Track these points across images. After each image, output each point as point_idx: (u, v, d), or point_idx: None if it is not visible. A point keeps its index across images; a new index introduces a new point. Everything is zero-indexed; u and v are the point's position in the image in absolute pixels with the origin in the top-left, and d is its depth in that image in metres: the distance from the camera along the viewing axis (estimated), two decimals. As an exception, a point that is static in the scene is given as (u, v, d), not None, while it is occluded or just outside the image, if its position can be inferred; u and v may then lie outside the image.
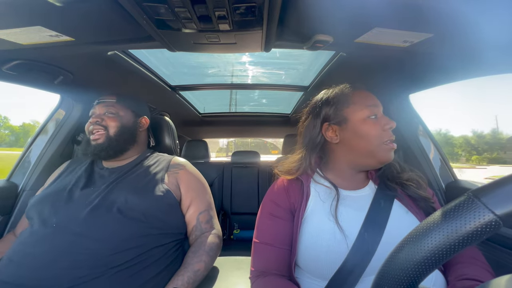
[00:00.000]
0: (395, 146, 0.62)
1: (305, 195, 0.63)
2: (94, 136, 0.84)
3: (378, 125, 0.62)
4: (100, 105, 0.88)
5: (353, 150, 0.64)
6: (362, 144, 0.63)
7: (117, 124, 0.87)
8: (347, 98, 0.66)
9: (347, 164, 0.67)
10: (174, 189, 0.81)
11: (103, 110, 0.87)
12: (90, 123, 0.86)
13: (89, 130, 0.86)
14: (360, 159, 0.64)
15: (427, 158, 1.15)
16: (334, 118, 0.66)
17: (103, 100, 0.89)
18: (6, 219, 1.00)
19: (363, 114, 0.63)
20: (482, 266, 0.54)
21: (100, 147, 0.83)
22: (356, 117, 0.64)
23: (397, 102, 1.17)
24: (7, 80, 0.87)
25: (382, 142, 0.61)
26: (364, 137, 0.62)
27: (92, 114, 0.88)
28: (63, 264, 0.59)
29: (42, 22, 0.57)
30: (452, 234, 0.24)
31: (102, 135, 0.84)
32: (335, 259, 0.53)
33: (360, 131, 0.63)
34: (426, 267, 0.24)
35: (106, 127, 0.86)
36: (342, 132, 0.65)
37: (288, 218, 0.63)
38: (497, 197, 0.24)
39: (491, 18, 0.53)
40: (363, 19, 0.57)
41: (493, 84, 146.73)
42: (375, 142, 0.61)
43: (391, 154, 0.62)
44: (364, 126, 0.63)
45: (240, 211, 1.92)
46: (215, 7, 0.53)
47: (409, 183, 0.63)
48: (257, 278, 0.59)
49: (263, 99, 1.98)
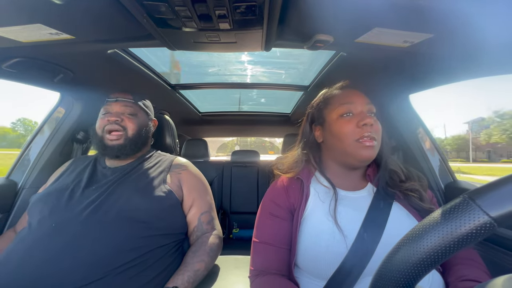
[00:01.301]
0: (371, 143, 0.59)
1: (305, 195, 0.63)
2: (112, 136, 0.82)
3: (351, 122, 0.61)
4: (118, 103, 0.86)
5: (332, 149, 0.66)
6: (337, 143, 0.63)
7: (136, 126, 0.86)
8: (327, 98, 0.68)
9: (334, 162, 0.68)
10: (176, 189, 0.81)
11: (122, 109, 0.86)
12: (108, 121, 0.83)
13: (105, 128, 0.83)
14: (340, 158, 0.65)
15: (426, 159, 1.15)
16: (317, 119, 0.70)
17: (121, 99, 0.87)
18: (6, 217, 1.00)
19: (337, 112, 0.64)
20: (480, 267, 0.54)
21: (118, 147, 0.82)
22: (330, 117, 0.65)
23: (397, 102, 1.17)
24: (7, 78, 0.87)
25: (354, 139, 0.60)
26: (336, 135, 0.63)
27: (107, 111, 0.85)
28: (63, 265, 0.58)
29: (42, 20, 0.57)
30: (447, 235, 0.24)
31: (121, 136, 0.83)
32: (334, 259, 0.53)
33: (333, 130, 0.64)
34: (423, 268, 0.25)
35: (125, 128, 0.84)
36: (323, 132, 0.68)
37: (288, 217, 0.63)
38: (492, 199, 0.24)
39: (492, 18, 0.53)
40: (364, 19, 0.57)
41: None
42: (347, 140, 0.61)
43: (368, 152, 0.59)
44: (336, 124, 0.64)
45: (240, 210, 1.93)
46: (216, 6, 0.53)
47: (411, 194, 0.61)
48: (256, 277, 0.59)
49: (263, 99, 1.98)
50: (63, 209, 0.68)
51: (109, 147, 0.82)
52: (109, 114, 0.84)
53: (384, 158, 0.66)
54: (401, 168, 0.66)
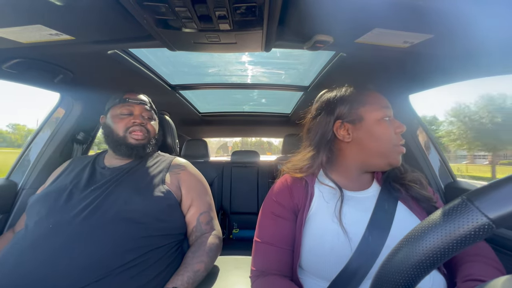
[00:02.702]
0: (404, 150, 0.63)
1: (309, 195, 0.63)
2: (137, 136, 0.86)
3: (390, 127, 0.63)
4: (140, 106, 0.90)
5: (364, 150, 0.64)
6: (374, 145, 0.63)
7: (155, 130, 0.94)
8: (363, 97, 0.66)
9: (356, 163, 0.66)
10: (175, 189, 0.81)
11: (145, 113, 0.91)
12: (134, 123, 0.86)
13: (130, 129, 0.86)
14: (370, 160, 0.64)
15: (426, 159, 1.16)
16: (348, 116, 0.65)
17: (142, 102, 0.91)
18: (5, 218, 1.00)
19: (379, 115, 0.63)
20: (489, 262, 0.53)
21: (142, 146, 0.86)
22: (371, 117, 0.64)
23: (397, 103, 1.17)
24: (7, 79, 0.87)
25: (393, 144, 0.62)
26: (377, 138, 0.62)
27: (130, 113, 0.88)
28: (60, 266, 0.57)
29: (43, 20, 0.57)
30: (446, 237, 0.24)
31: (146, 137, 0.88)
32: (338, 260, 0.53)
33: (374, 131, 0.63)
34: (422, 270, 0.25)
35: (148, 131, 0.90)
36: (355, 131, 0.64)
37: (291, 218, 0.63)
38: (490, 200, 0.24)
39: (492, 19, 0.53)
40: (364, 20, 0.57)
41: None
42: (387, 144, 0.62)
43: (400, 158, 0.63)
44: (378, 127, 0.63)
45: (240, 211, 1.93)
46: (216, 7, 0.53)
47: (412, 184, 0.63)
48: (257, 278, 0.59)
49: (262, 99, 1.98)
50: (61, 210, 0.68)
51: (134, 146, 0.85)
52: (132, 116, 0.88)
53: None
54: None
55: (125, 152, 0.85)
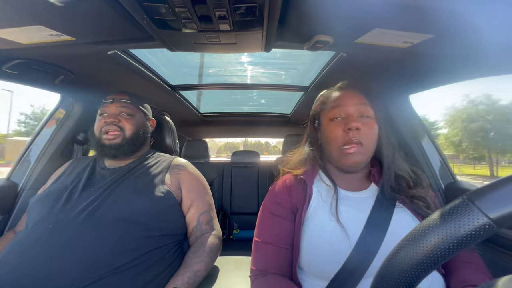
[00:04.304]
0: (353, 150, 0.58)
1: (308, 194, 0.63)
2: (109, 136, 0.84)
3: (339, 127, 0.60)
4: (114, 104, 0.87)
5: (325, 153, 0.66)
6: (327, 147, 0.64)
7: (133, 126, 0.88)
8: (323, 100, 0.68)
9: (331, 164, 0.68)
10: (175, 189, 0.81)
11: (118, 110, 0.87)
12: (106, 122, 0.84)
13: (102, 129, 0.84)
14: (332, 161, 0.65)
15: (426, 159, 1.15)
16: (315, 119, 0.70)
17: (117, 100, 0.88)
18: (6, 219, 1.00)
19: (328, 116, 0.64)
20: (484, 271, 0.54)
21: (116, 147, 0.83)
22: (324, 119, 0.65)
23: (397, 103, 1.17)
24: (7, 80, 0.87)
25: (339, 145, 0.60)
26: (326, 139, 0.63)
27: (104, 113, 0.86)
28: (60, 266, 0.57)
29: (43, 21, 0.57)
30: (447, 237, 0.24)
31: (119, 136, 0.84)
32: (336, 259, 0.53)
33: (324, 133, 0.65)
34: (423, 269, 0.25)
35: (122, 128, 0.86)
36: (319, 133, 0.68)
37: (290, 217, 0.63)
38: (491, 200, 0.24)
39: (492, 19, 0.53)
40: (364, 20, 0.57)
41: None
42: (334, 145, 0.61)
43: (350, 159, 0.59)
44: (326, 128, 0.64)
45: (240, 211, 1.93)
46: (216, 7, 0.53)
47: (418, 201, 0.58)
48: (257, 277, 0.59)
49: (262, 99, 1.98)
50: (61, 210, 0.68)
51: (107, 146, 0.83)
52: (106, 116, 0.86)
53: (387, 160, 0.63)
54: (409, 173, 0.63)
55: (100, 153, 0.85)
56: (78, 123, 1.19)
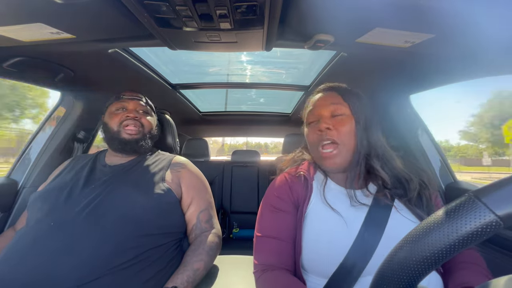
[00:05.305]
0: (329, 152, 0.59)
1: (308, 191, 0.63)
2: (130, 130, 0.86)
3: (315, 129, 0.62)
4: (134, 102, 0.91)
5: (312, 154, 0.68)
6: (311, 150, 0.66)
7: (150, 124, 0.93)
8: (306, 104, 0.70)
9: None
10: (175, 187, 0.81)
11: (138, 107, 0.91)
12: (127, 117, 0.87)
13: (123, 123, 0.86)
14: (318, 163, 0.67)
15: (426, 159, 1.15)
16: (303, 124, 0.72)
17: (136, 98, 0.92)
18: (6, 216, 1.00)
19: (307, 120, 0.66)
20: (483, 272, 0.54)
21: (136, 141, 0.86)
22: (306, 124, 0.68)
23: (397, 103, 1.17)
24: (8, 77, 0.87)
25: (317, 148, 0.61)
26: (308, 143, 0.66)
27: (123, 108, 0.89)
28: (61, 264, 0.57)
29: (43, 19, 0.57)
30: (452, 234, 0.24)
31: (140, 132, 0.88)
32: (335, 256, 0.54)
33: (306, 137, 0.67)
34: (426, 267, 0.25)
35: (143, 125, 0.90)
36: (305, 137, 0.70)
37: (291, 211, 0.63)
38: (498, 197, 0.24)
39: (493, 19, 0.52)
40: (365, 19, 0.57)
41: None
42: (313, 149, 0.63)
43: (329, 161, 0.61)
44: (307, 132, 0.66)
45: (240, 210, 1.93)
46: (216, 6, 0.53)
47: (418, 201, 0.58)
48: (262, 273, 0.59)
49: (263, 99, 1.98)
50: (61, 207, 0.68)
51: (128, 141, 0.85)
52: (126, 111, 0.89)
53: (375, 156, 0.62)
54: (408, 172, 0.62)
55: (117, 147, 0.86)
56: (79, 121, 1.18)
